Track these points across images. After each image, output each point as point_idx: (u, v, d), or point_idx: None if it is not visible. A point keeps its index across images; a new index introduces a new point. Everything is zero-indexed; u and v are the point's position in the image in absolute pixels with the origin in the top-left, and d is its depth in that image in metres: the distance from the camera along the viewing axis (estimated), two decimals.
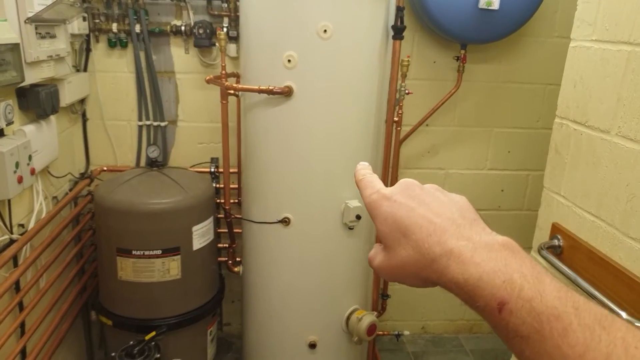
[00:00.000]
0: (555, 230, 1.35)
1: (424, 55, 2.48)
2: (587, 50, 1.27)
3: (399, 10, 1.79)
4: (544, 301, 0.36)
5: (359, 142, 1.89)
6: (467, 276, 0.39)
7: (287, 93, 1.75)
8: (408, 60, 2.09)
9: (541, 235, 1.46)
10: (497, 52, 2.50)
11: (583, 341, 0.33)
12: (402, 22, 1.80)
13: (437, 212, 0.44)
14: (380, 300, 2.58)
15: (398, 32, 1.82)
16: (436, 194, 0.47)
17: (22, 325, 1.69)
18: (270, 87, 1.73)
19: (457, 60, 2.41)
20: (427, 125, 2.58)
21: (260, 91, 1.75)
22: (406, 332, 2.62)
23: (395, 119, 2.21)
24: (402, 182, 0.49)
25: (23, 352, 1.70)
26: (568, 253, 1.29)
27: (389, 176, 2.35)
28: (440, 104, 2.47)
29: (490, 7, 2.10)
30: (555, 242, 1.33)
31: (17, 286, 1.66)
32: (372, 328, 1.94)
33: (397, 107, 2.22)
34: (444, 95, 2.47)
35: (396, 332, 2.58)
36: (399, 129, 2.29)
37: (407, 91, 2.14)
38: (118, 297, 2.01)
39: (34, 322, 1.75)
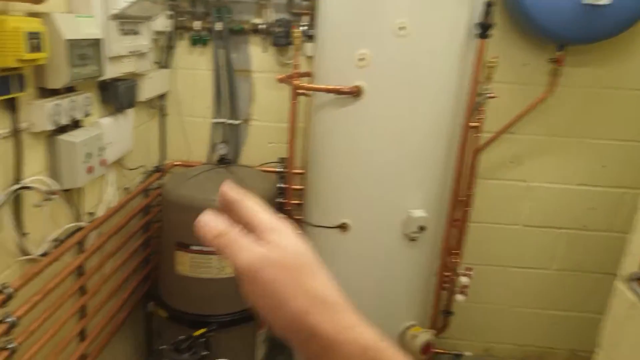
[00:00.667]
0: None
1: (512, 57, 2.29)
2: None
3: (488, 6, 1.65)
4: None
5: (430, 147, 1.77)
6: (371, 337, 0.39)
7: (355, 93, 1.68)
8: (495, 62, 1.94)
9: (631, 263, 1.28)
10: (601, 53, 2.24)
11: None
12: (489, 19, 1.66)
13: None
14: (441, 317, 2.44)
15: (484, 30, 1.69)
16: None
17: (83, 308, 1.76)
18: (338, 87, 1.68)
19: (552, 62, 2.20)
20: (511, 132, 2.39)
21: (328, 91, 1.70)
22: (468, 353, 2.46)
23: (475, 124, 2.06)
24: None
25: (82, 334, 1.77)
26: None
27: (462, 185, 2.19)
28: (528, 110, 2.28)
29: (598, 2, 1.88)
30: None
31: (80, 271, 1.73)
32: (427, 347, 1.82)
33: (477, 112, 2.08)
34: (532, 100, 2.28)
35: (457, 353, 2.42)
36: (478, 135, 2.14)
37: (490, 94, 1.99)
38: (175, 291, 2.05)
39: (95, 306, 1.82)
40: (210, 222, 0.42)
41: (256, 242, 0.39)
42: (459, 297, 2.18)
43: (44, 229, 1.49)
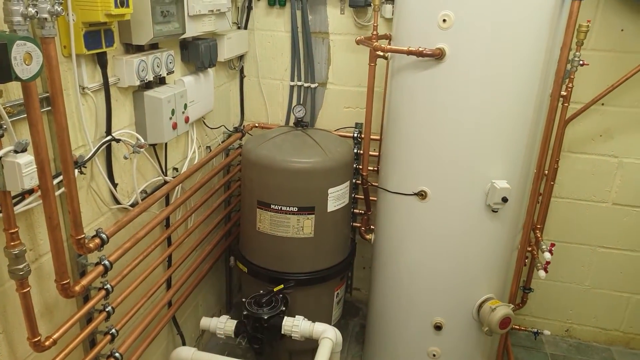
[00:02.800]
0: None
1: (608, 22, 2.10)
2: None
3: None
4: None
5: (516, 115, 1.67)
6: None
7: (438, 56, 1.61)
8: (587, 26, 1.79)
9: None
10: None
11: None
12: None
13: None
14: (520, 293, 2.36)
15: None
16: None
17: (170, 258, 1.87)
18: (420, 49, 1.61)
19: None
20: (602, 104, 2.21)
21: (409, 52, 1.64)
22: (547, 332, 2.37)
23: (563, 93, 1.93)
24: None
25: (169, 282, 1.88)
26: None
27: (548, 159, 2.08)
28: (624, 79, 2.09)
29: None
30: None
31: (167, 223, 1.83)
32: (505, 321, 1.77)
33: (566, 80, 1.94)
34: (629, 69, 2.08)
35: (535, 330, 2.35)
36: (566, 105, 2.00)
37: (581, 62, 1.85)
38: (255, 247, 2.12)
39: (180, 257, 1.92)
40: None
41: None
42: (542, 274, 2.09)
43: (132, 181, 1.58)
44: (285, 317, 1.85)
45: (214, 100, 2.09)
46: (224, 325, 1.87)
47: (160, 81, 1.67)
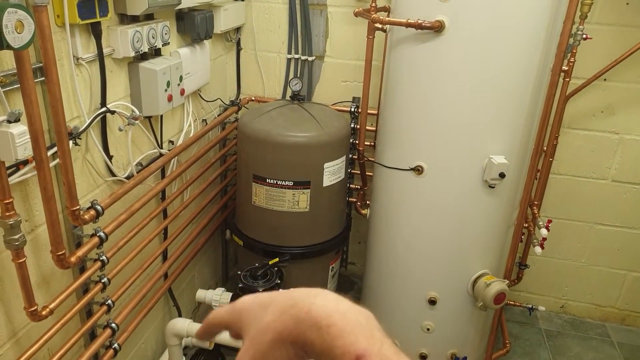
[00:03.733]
0: None
1: None
2: None
3: None
4: None
5: (515, 90, 1.66)
6: None
7: (437, 28, 1.59)
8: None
9: None
10: None
11: None
12: None
13: None
14: (516, 269, 2.38)
15: None
16: None
17: (165, 231, 1.87)
18: (419, 21, 1.59)
19: None
20: (604, 79, 2.19)
21: (408, 25, 1.61)
22: (541, 308, 2.39)
23: (565, 68, 1.91)
24: None
25: (165, 255, 1.89)
26: None
27: (547, 134, 2.07)
28: (628, 54, 2.06)
29: None
30: None
31: (163, 196, 1.82)
32: (500, 297, 1.79)
33: (568, 55, 1.91)
34: (633, 44, 2.06)
35: (530, 306, 2.37)
36: (567, 80, 1.98)
37: (584, 36, 1.82)
38: (250, 220, 2.12)
39: (176, 229, 1.93)
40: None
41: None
42: (538, 250, 2.11)
43: (127, 153, 1.57)
44: (280, 290, 1.86)
45: (210, 72, 2.07)
46: (220, 297, 1.89)
47: (156, 52, 1.64)
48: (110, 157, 1.49)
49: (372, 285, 2.16)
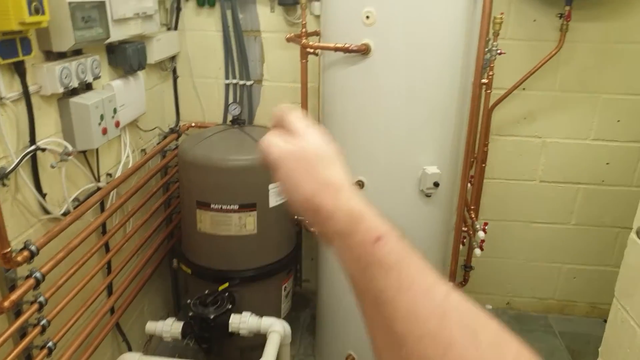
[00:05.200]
0: None
1: (523, 13, 2.23)
2: None
3: None
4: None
5: (441, 104, 1.76)
6: (358, 206, 0.46)
7: (364, 51, 1.67)
8: (501, 18, 1.89)
9: None
10: (609, 8, 2.17)
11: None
12: None
13: None
14: (462, 272, 2.47)
15: None
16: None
17: (109, 265, 1.84)
18: (347, 45, 1.66)
19: (560, 17, 2.14)
20: (523, 89, 2.34)
21: (337, 49, 1.69)
22: (489, 306, 2.49)
23: (485, 80, 2.03)
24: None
25: (110, 289, 1.85)
26: None
27: (478, 142, 2.19)
28: (540, 66, 2.23)
29: None
30: None
31: (104, 229, 1.79)
32: None
33: (487, 69, 2.04)
34: (543, 57, 2.22)
35: None
36: (489, 91, 2.11)
37: (499, 51, 1.95)
38: (197, 248, 2.11)
39: (120, 262, 1.90)
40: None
41: (287, 142, 0.50)
42: (477, 251, 2.20)
43: (63, 189, 1.55)
44: (232, 315, 1.86)
45: (147, 102, 2.06)
46: (170, 328, 1.86)
47: (87, 87, 1.63)
48: (43, 195, 1.46)
49: (325, 300, 2.19)
